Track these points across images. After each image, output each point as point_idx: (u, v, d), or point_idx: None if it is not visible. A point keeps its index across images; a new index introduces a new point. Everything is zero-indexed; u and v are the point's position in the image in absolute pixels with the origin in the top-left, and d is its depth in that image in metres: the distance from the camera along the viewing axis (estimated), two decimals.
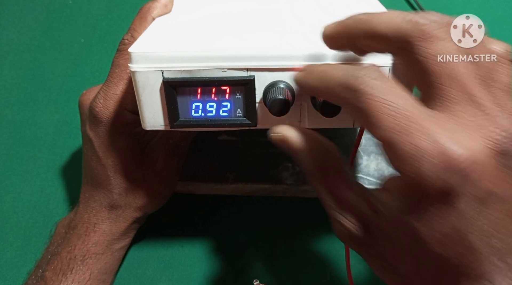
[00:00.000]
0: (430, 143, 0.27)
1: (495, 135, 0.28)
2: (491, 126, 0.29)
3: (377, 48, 0.32)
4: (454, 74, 0.29)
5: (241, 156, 0.59)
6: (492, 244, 0.30)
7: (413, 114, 0.28)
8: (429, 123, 0.28)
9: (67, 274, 0.48)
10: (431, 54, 0.29)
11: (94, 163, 0.49)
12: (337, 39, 0.34)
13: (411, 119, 0.28)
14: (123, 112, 0.47)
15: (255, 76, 0.38)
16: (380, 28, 0.31)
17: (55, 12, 0.75)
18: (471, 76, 0.29)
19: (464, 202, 0.28)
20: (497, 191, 0.29)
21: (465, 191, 0.28)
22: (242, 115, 0.39)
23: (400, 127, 0.28)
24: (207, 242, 0.57)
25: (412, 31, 0.29)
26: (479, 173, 0.28)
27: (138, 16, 0.48)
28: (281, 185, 0.58)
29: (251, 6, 0.49)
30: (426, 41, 0.29)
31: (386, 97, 0.29)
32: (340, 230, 0.34)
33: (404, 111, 0.28)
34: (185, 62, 0.37)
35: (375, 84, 0.29)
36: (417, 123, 0.28)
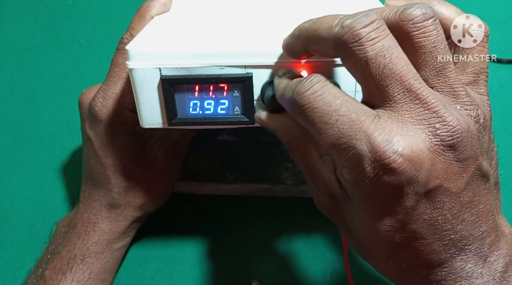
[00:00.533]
0: (367, 145, 0.28)
1: (438, 130, 0.29)
2: (433, 120, 0.29)
3: (324, 53, 0.33)
4: (392, 73, 0.29)
5: (241, 156, 0.59)
6: (444, 235, 0.31)
7: (354, 120, 0.29)
8: (368, 125, 0.29)
9: (66, 273, 0.48)
10: (368, 57, 0.29)
11: (94, 162, 0.49)
12: (293, 49, 0.35)
13: (351, 124, 0.29)
14: (122, 111, 0.47)
15: (253, 73, 0.37)
16: (321, 33, 0.31)
17: (55, 12, 0.75)
18: (410, 72, 0.30)
19: (406, 199, 0.29)
20: (443, 183, 0.29)
21: (406, 187, 0.29)
22: (240, 113, 0.39)
23: (341, 134, 0.29)
24: (207, 242, 0.57)
25: (347, 37, 0.29)
26: (419, 169, 0.29)
27: (137, 15, 0.48)
28: (281, 185, 0.58)
29: (249, 5, 0.49)
30: (361, 45, 0.29)
31: (326, 108, 0.30)
32: (315, 198, 0.37)
33: (344, 119, 0.29)
34: (182, 59, 0.37)
35: (316, 96, 0.30)
36: (357, 127, 0.29)
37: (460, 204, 0.30)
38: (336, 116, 0.29)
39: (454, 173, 0.30)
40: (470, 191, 0.31)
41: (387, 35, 0.29)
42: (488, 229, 0.32)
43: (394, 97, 0.29)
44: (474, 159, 0.30)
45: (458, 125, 0.29)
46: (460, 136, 0.29)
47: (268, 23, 0.45)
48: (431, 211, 0.30)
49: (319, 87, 0.31)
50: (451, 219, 0.30)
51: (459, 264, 0.31)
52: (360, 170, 0.29)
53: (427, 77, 0.31)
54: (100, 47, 0.72)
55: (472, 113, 0.31)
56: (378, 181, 0.29)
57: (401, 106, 0.29)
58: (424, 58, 0.31)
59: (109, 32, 0.73)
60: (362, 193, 0.31)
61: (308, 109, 0.30)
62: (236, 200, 0.59)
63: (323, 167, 0.35)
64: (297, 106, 0.31)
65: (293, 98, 0.31)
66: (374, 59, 0.29)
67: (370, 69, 0.29)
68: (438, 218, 0.30)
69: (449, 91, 0.31)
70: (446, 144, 0.29)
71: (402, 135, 0.29)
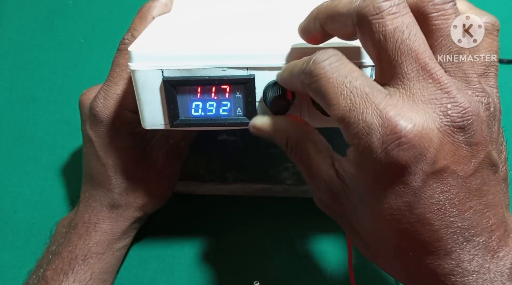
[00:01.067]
0: (378, 119, 0.28)
1: (449, 110, 0.29)
2: (445, 101, 0.29)
3: (342, 31, 0.33)
4: (409, 50, 0.29)
5: (241, 156, 0.59)
6: (451, 221, 0.30)
7: (367, 93, 0.29)
8: (381, 100, 0.29)
9: (68, 274, 0.48)
10: (386, 31, 0.29)
11: (95, 163, 0.49)
12: (310, 31, 0.35)
13: (364, 98, 0.29)
14: (124, 112, 0.47)
15: (255, 75, 0.38)
16: (340, 9, 0.31)
17: (55, 12, 0.75)
18: (428, 50, 0.30)
19: (414, 177, 0.29)
20: (450, 165, 0.29)
21: (413, 165, 0.29)
22: (242, 115, 0.39)
23: (352, 106, 0.29)
24: (207, 242, 0.57)
25: (368, 9, 0.29)
26: (428, 147, 0.28)
27: (138, 16, 0.47)
28: (281, 185, 0.58)
29: (251, 6, 0.49)
30: (381, 18, 0.29)
31: (341, 79, 0.30)
32: (316, 197, 0.37)
33: (357, 91, 0.29)
34: (185, 61, 0.37)
35: (332, 67, 0.30)
36: (369, 101, 0.29)
37: (467, 189, 0.30)
38: (351, 88, 0.30)
39: (462, 156, 0.29)
40: (479, 178, 0.30)
41: (407, 12, 0.30)
42: (497, 222, 0.31)
43: (408, 75, 0.30)
44: (484, 145, 0.30)
45: (470, 107, 0.29)
46: (471, 119, 0.29)
47: (269, 23, 0.45)
48: (438, 194, 0.30)
49: (336, 59, 0.31)
50: (458, 205, 0.30)
51: (467, 257, 0.31)
52: (368, 144, 0.29)
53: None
54: (100, 47, 0.72)
55: (483, 100, 0.31)
56: (386, 156, 0.29)
57: (414, 85, 0.30)
58: (440, 41, 0.31)
59: (109, 32, 0.73)
60: (366, 173, 0.31)
61: (322, 78, 0.30)
62: (236, 200, 0.59)
63: (321, 163, 0.35)
64: (311, 75, 0.31)
65: (308, 68, 0.31)
66: (392, 34, 0.29)
67: (387, 43, 0.29)
68: (445, 202, 0.30)
69: (462, 77, 0.31)
70: (456, 124, 0.29)
71: (413, 112, 0.29)
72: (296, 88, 0.35)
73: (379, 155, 0.29)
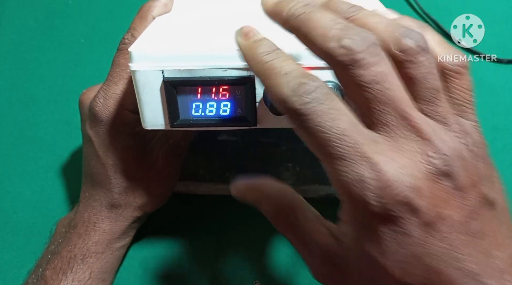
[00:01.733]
0: (370, 171, 0.27)
1: (433, 159, 0.29)
2: (428, 149, 0.29)
3: (313, 52, 0.31)
4: (388, 100, 0.29)
5: (241, 156, 0.59)
6: (460, 267, 0.29)
7: (357, 141, 0.28)
8: (371, 150, 0.28)
9: (67, 273, 0.48)
10: (363, 81, 0.28)
11: (94, 162, 0.49)
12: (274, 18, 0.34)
13: (355, 147, 0.28)
14: (123, 112, 0.47)
15: (255, 75, 0.38)
16: (315, 41, 0.30)
17: (55, 12, 0.75)
18: (405, 98, 0.29)
19: (414, 228, 0.28)
20: (444, 211, 0.29)
21: (410, 217, 0.28)
22: (242, 115, 0.39)
23: (342, 155, 0.28)
24: (207, 242, 0.57)
25: (344, 58, 0.28)
26: (420, 198, 0.28)
27: (138, 16, 0.48)
28: None
29: (251, 6, 0.49)
30: (359, 68, 0.28)
31: (331, 125, 0.28)
32: (314, 271, 0.34)
33: (348, 139, 0.28)
34: (185, 61, 0.37)
35: (321, 110, 0.28)
36: (360, 151, 0.28)
37: (467, 232, 0.29)
38: (340, 135, 0.28)
39: (455, 201, 0.29)
40: (477, 220, 0.30)
41: (384, 61, 0.29)
42: (506, 258, 0.30)
43: (388, 123, 0.29)
44: (473, 186, 0.30)
45: (452, 153, 0.29)
46: (454, 164, 0.29)
47: (269, 24, 0.45)
48: (440, 241, 0.29)
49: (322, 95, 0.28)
50: (462, 249, 0.29)
51: None
52: (362, 198, 0.28)
53: (419, 105, 0.31)
54: (100, 47, 0.72)
55: (462, 141, 0.31)
56: (383, 210, 0.28)
57: (396, 133, 0.29)
58: (416, 89, 0.30)
59: (109, 32, 0.73)
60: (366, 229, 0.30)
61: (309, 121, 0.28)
62: (236, 200, 0.59)
63: (317, 234, 0.33)
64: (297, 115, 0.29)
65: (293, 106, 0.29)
66: (370, 85, 0.28)
67: (365, 93, 0.29)
68: (448, 249, 0.29)
69: (441, 121, 0.31)
70: (441, 171, 0.29)
71: (402, 163, 0.28)
72: None
73: (376, 208, 0.28)
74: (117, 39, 0.47)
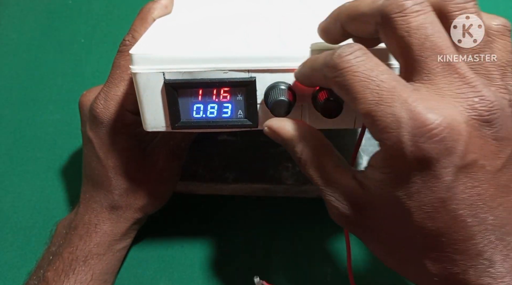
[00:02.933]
0: (407, 112, 0.28)
1: (476, 104, 0.29)
2: (471, 95, 0.29)
3: (364, 30, 0.33)
4: (433, 46, 0.29)
5: (241, 156, 0.59)
6: (483, 218, 0.29)
7: (394, 87, 0.29)
8: (409, 94, 0.29)
9: (69, 275, 0.48)
10: (410, 27, 0.29)
11: (95, 164, 0.49)
12: (330, 31, 0.35)
13: (392, 91, 0.29)
14: (124, 113, 0.47)
15: (256, 77, 0.38)
16: (362, 9, 0.31)
17: (55, 12, 0.75)
18: (451, 47, 0.30)
19: (445, 171, 0.29)
20: (479, 159, 0.29)
21: (444, 159, 0.28)
22: (243, 117, 0.39)
23: (379, 100, 0.29)
24: (207, 242, 0.57)
25: (391, 7, 0.30)
26: (457, 140, 0.28)
27: (138, 17, 0.47)
28: (281, 185, 0.58)
29: (251, 7, 0.49)
30: (405, 16, 0.29)
31: (367, 73, 0.30)
32: (332, 210, 0.35)
33: (385, 85, 0.29)
34: (186, 63, 0.37)
35: (358, 61, 0.30)
36: (396, 94, 0.29)
37: (496, 185, 0.30)
38: (378, 81, 0.29)
39: (490, 151, 0.29)
40: (507, 174, 0.30)
41: (430, 11, 0.30)
42: None
43: (433, 70, 0.29)
44: (510, 140, 0.30)
45: (496, 101, 0.29)
46: (497, 113, 0.29)
47: (270, 25, 0.45)
48: (469, 189, 0.29)
49: (362, 53, 0.31)
50: (489, 201, 0.29)
51: (499, 257, 0.30)
52: (398, 138, 0.28)
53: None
54: (100, 47, 0.72)
55: (506, 96, 0.31)
56: (417, 150, 0.28)
57: (440, 80, 0.29)
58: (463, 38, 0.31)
59: (109, 32, 0.73)
60: (397, 172, 0.30)
61: (348, 72, 0.30)
62: (236, 200, 0.60)
63: (341, 176, 0.34)
64: (336, 69, 0.31)
65: (333, 61, 0.31)
66: (416, 30, 0.29)
67: (412, 40, 0.29)
68: (476, 198, 0.29)
69: (485, 74, 0.31)
70: (484, 118, 0.29)
71: (441, 106, 0.28)
72: (317, 83, 0.35)
73: (410, 148, 0.28)
74: (117, 40, 0.47)
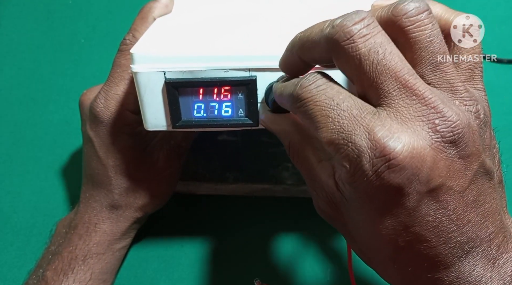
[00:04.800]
0: (367, 141, 0.28)
1: (437, 126, 0.28)
2: (432, 116, 0.28)
3: (321, 58, 0.32)
4: (386, 70, 0.28)
5: (241, 156, 0.59)
6: (449, 237, 0.29)
7: (354, 115, 0.29)
8: (368, 121, 0.28)
9: (68, 274, 0.48)
10: (360, 54, 0.28)
11: (95, 163, 0.49)
12: (290, 64, 0.35)
13: (352, 119, 0.28)
14: (124, 113, 0.47)
15: (257, 76, 0.38)
16: (313, 38, 0.31)
17: (55, 12, 0.75)
18: (405, 67, 0.29)
19: (408, 198, 0.28)
20: (446, 182, 0.29)
21: (406, 187, 0.28)
22: (244, 116, 0.39)
23: (340, 128, 0.29)
24: (207, 242, 0.57)
25: (338, 36, 0.29)
26: (421, 167, 0.27)
27: (139, 16, 0.48)
28: (281, 185, 0.58)
29: (251, 7, 0.49)
30: (353, 43, 0.28)
31: (328, 101, 0.29)
32: (316, 205, 0.36)
33: (345, 113, 0.29)
34: (187, 62, 0.37)
35: (319, 90, 0.30)
36: (356, 123, 0.28)
37: (464, 203, 0.29)
38: (338, 110, 0.29)
39: (457, 171, 0.29)
40: (474, 190, 0.30)
41: (379, 32, 0.29)
42: (495, 229, 0.31)
43: (390, 94, 0.29)
44: (477, 155, 0.29)
45: (459, 120, 0.28)
46: (461, 132, 0.28)
47: (270, 25, 0.45)
48: (434, 212, 0.29)
49: (323, 82, 0.30)
50: (456, 220, 0.29)
51: (467, 268, 0.30)
52: (359, 167, 0.28)
53: (423, 73, 0.30)
54: (100, 47, 0.72)
55: (471, 108, 0.30)
56: (377, 179, 0.28)
57: (398, 103, 0.28)
58: (419, 53, 0.30)
59: (109, 32, 0.73)
60: (360, 194, 0.29)
61: (309, 102, 0.30)
62: (236, 200, 0.60)
63: (321, 172, 0.34)
64: (298, 100, 0.31)
65: (296, 92, 0.31)
66: (367, 56, 0.28)
67: (364, 66, 0.28)
68: (442, 219, 0.29)
69: (447, 87, 0.30)
70: (447, 140, 0.28)
71: (402, 131, 0.28)
72: (287, 108, 0.35)
73: (370, 178, 0.28)
74: (117, 39, 0.47)
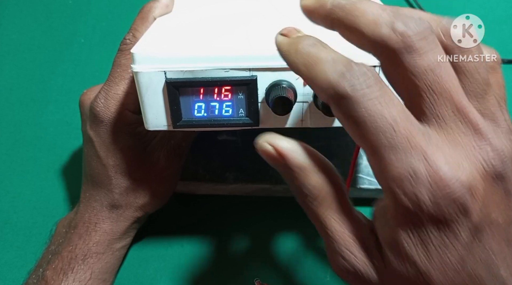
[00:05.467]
0: (427, 166, 0.25)
1: (490, 157, 0.27)
2: (485, 146, 0.27)
3: (359, 45, 0.29)
4: (443, 91, 0.27)
5: (241, 156, 0.59)
6: (496, 274, 0.28)
7: (411, 132, 0.26)
8: (425, 143, 0.26)
9: (68, 274, 0.48)
10: (418, 69, 0.27)
11: (95, 163, 0.49)
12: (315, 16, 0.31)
13: (407, 137, 0.26)
14: (125, 112, 0.47)
15: (257, 76, 0.38)
16: (364, 29, 0.27)
17: (55, 12, 0.75)
18: (460, 90, 0.27)
19: (463, 232, 0.26)
20: (496, 217, 0.27)
21: (464, 219, 0.26)
22: (244, 115, 0.39)
23: (396, 146, 0.26)
24: (207, 242, 0.57)
25: (398, 43, 0.26)
26: (476, 200, 0.26)
27: (139, 16, 0.48)
28: (281, 185, 0.58)
29: (252, 6, 0.49)
30: (412, 54, 0.26)
31: (382, 111, 0.26)
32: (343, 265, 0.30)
33: (401, 129, 0.26)
34: (187, 62, 0.37)
35: (371, 94, 0.26)
36: (414, 142, 0.26)
37: (506, 239, 0.28)
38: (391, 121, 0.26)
39: (504, 205, 0.28)
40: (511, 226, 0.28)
41: (439, 49, 0.27)
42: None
43: (443, 116, 0.27)
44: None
45: (506, 150, 0.27)
46: (509, 164, 0.27)
47: (271, 24, 0.45)
48: (488, 248, 0.27)
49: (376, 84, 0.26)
50: (499, 254, 0.28)
51: None
52: (415, 195, 0.26)
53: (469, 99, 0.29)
54: (100, 47, 0.72)
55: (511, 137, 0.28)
56: (436, 209, 0.26)
57: (450, 126, 0.27)
58: (467, 82, 0.29)
59: (109, 32, 0.73)
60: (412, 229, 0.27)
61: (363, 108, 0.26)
62: (236, 200, 0.60)
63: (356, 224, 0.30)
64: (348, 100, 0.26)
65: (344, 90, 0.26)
66: (424, 74, 0.26)
67: (419, 82, 0.27)
68: (492, 256, 0.27)
69: (491, 118, 0.29)
70: (497, 172, 0.27)
71: (457, 159, 0.26)
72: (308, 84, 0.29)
73: (428, 206, 0.26)
74: (117, 39, 0.47)
